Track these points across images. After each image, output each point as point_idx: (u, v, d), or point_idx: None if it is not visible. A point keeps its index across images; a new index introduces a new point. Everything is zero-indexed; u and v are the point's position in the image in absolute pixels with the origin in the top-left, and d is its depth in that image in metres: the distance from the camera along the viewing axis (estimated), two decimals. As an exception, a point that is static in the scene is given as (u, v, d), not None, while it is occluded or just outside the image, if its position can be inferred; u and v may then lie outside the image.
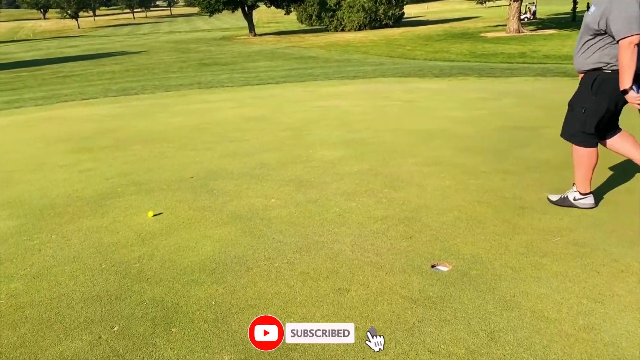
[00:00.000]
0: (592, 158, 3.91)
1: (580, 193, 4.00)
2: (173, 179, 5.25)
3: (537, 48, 29.65)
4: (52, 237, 3.92)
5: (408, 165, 5.37)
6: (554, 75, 13.77)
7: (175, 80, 18.19)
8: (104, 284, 3.16)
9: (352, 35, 45.83)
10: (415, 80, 13.98)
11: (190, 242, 3.71)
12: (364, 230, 3.77)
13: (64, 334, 2.66)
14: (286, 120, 8.25)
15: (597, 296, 2.79)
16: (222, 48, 39.70)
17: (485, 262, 3.22)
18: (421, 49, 32.72)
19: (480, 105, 8.89)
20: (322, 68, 19.99)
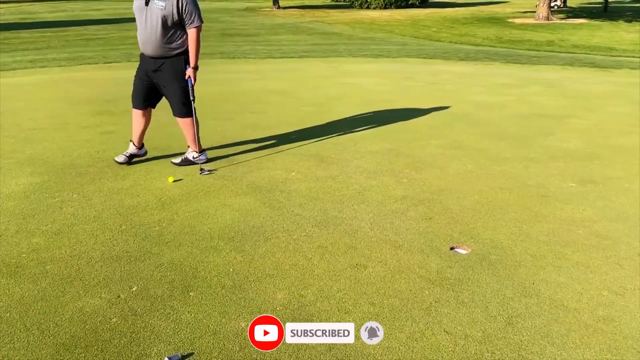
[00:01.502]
0: (195, 123, 4.60)
1: (197, 152, 4.63)
2: (194, 146, 5.24)
3: (566, 37, 29.02)
4: (73, 196, 3.95)
5: (430, 147, 5.31)
6: (583, 66, 13.48)
7: (198, 49, 18.12)
8: (124, 244, 3.19)
9: (377, 14, 45.16)
10: (440, 62, 13.78)
11: (209, 209, 3.72)
12: (383, 209, 3.75)
13: (83, 290, 2.70)
14: (308, 95, 8.19)
15: (619, 289, 2.75)
16: (246, 19, 39.39)
17: (505, 248, 3.19)
18: (447, 31, 32.19)
19: (506, 92, 8.75)
20: (346, 45, 19.77)
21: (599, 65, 13.69)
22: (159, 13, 4.09)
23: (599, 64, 14.15)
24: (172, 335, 2.35)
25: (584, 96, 8.48)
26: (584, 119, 6.74)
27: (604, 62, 15.41)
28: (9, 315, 2.49)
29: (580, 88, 9.47)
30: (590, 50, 22.09)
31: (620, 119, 6.77)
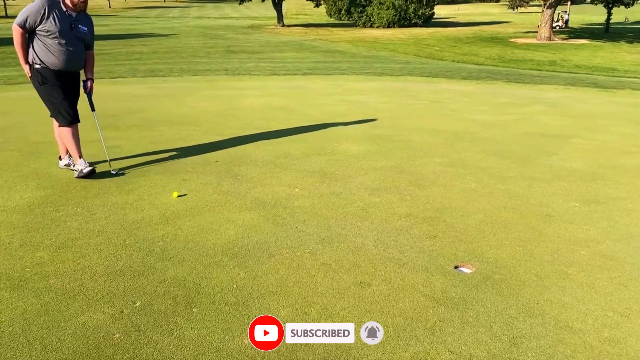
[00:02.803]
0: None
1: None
2: (198, 161, 5.27)
3: (568, 57, 29.20)
4: (77, 210, 3.96)
5: (433, 164, 5.32)
6: (585, 86, 13.54)
7: (203, 65, 18.27)
8: (128, 259, 3.19)
9: (381, 32, 45.59)
10: (442, 81, 13.87)
11: (213, 224, 3.73)
12: (387, 226, 3.75)
13: (86, 305, 2.69)
14: (312, 112, 8.24)
15: (624, 310, 2.74)
16: (250, 36, 39.76)
17: (509, 267, 3.18)
18: (450, 50, 32.45)
19: (508, 111, 8.79)
20: (349, 63, 19.92)
21: (601, 86, 13.76)
22: (82, 36, 4.65)
23: (601, 84, 14.22)
24: (175, 352, 2.34)
25: (587, 116, 8.52)
26: (587, 138, 6.76)
27: (606, 82, 15.48)
28: (11, 329, 2.48)
29: (583, 108, 9.52)
30: (592, 70, 22.21)
31: (622, 139, 6.79)
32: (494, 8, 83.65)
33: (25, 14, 4.37)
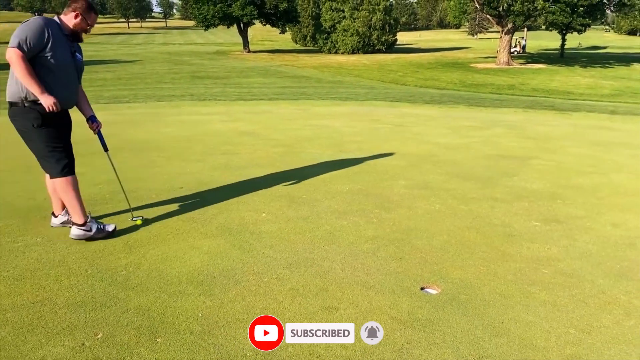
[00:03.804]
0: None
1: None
2: (162, 188, 5.21)
3: (526, 81, 30.18)
4: (37, 240, 3.85)
5: (398, 187, 5.39)
6: (543, 109, 14.00)
7: (168, 90, 18.17)
8: (89, 290, 3.10)
9: (345, 58, 46.32)
10: (406, 105, 14.13)
11: (178, 252, 3.67)
12: (354, 249, 3.76)
13: (45, 339, 2.60)
14: (278, 136, 8.27)
15: (585, 327, 2.80)
16: (216, 62, 39.81)
17: (474, 287, 3.22)
18: (412, 75, 33.15)
19: (470, 133, 9.00)
20: (315, 88, 20.13)
21: (558, 108, 14.25)
22: (80, 66, 3.88)
23: (558, 107, 14.73)
24: (139, 384, 2.27)
25: (545, 138, 8.79)
26: (546, 160, 6.97)
27: (563, 105, 16.04)
28: (-35, 366, 2.38)
29: (541, 130, 9.82)
30: (549, 93, 22.99)
31: (579, 159, 7.03)
32: (455, 34, 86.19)
33: (24, 34, 3.42)
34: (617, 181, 5.90)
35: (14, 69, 3.48)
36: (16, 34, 3.45)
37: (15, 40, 3.42)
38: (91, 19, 3.76)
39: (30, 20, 3.55)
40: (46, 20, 3.57)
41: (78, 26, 3.70)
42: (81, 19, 3.69)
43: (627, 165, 6.77)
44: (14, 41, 3.42)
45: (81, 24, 3.71)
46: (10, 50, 3.42)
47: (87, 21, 3.73)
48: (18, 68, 3.45)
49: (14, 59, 3.42)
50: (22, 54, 3.42)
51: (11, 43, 3.43)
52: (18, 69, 3.45)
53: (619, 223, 4.48)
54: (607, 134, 9.52)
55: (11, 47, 3.41)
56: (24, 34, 3.44)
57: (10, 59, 3.43)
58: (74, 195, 3.82)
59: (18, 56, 3.41)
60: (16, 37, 3.43)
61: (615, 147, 8.10)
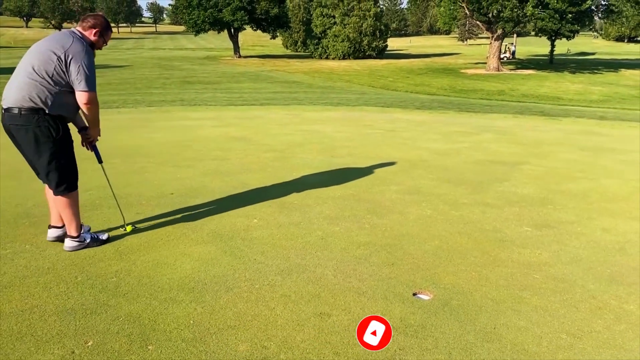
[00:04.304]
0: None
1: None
2: (153, 194, 5.18)
3: (516, 87, 30.41)
4: (26, 247, 3.81)
5: (390, 192, 5.40)
6: (532, 114, 14.10)
7: (158, 96, 18.11)
8: (79, 297, 3.07)
9: (336, 64, 46.45)
10: (397, 110, 14.18)
11: (169, 259, 3.64)
12: (346, 255, 3.76)
13: (35, 347, 2.57)
14: (269, 142, 8.26)
15: (576, 331, 2.81)
16: (206, 67, 39.77)
17: (466, 293, 3.23)
18: (403, 81, 33.31)
19: (460, 139, 9.04)
20: (306, 93, 20.15)
21: (548, 114, 14.37)
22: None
23: (548, 113, 14.84)
24: (130, 393, 2.25)
25: (535, 143, 8.85)
26: (536, 165, 7.01)
27: (552, 110, 16.17)
28: (-48, 376, 2.34)
29: (531, 135, 9.89)
30: (539, 99, 23.17)
31: (569, 165, 7.08)
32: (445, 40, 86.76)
33: (92, 72, 3.52)
34: (607, 186, 5.95)
35: (90, 109, 3.59)
36: (87, 72, 3.47)
37: (90, 83, 3.49)
38: (108, 36, 3.80)
39: (87, 50, 3.53)
40: (88, 44, 3.60)
41: (96, 43, 3.72)
42: (99, 37, 3.71)
43: (616, 170, 6.82)
44: (91, 84, 3.49)
45: (99, 41, 3.72)
46: (90, 95, 3.50)
47: (104, 38, 3.76)
48: (95, 110, 3.63)
49: (91, 101, 3.54)
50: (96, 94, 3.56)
51: (89, 86, 3.49)
52: (94, 110, 3.62)
53: (609, 228, 4.51)
54: (596, 140, 9.60)
55: (90, 92, 3.49)
56: (92, 71, 3.52)
57: (90, 102, 3.53)
58: (76, 209, 3.78)
59: (95, 98, 3.57)
60: (90, 78, 3.49)
61: (604, 152, 8.17)
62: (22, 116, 3.46)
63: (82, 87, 3.47)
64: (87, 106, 3.55)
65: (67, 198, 3.70)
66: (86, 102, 3.52)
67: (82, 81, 3.46)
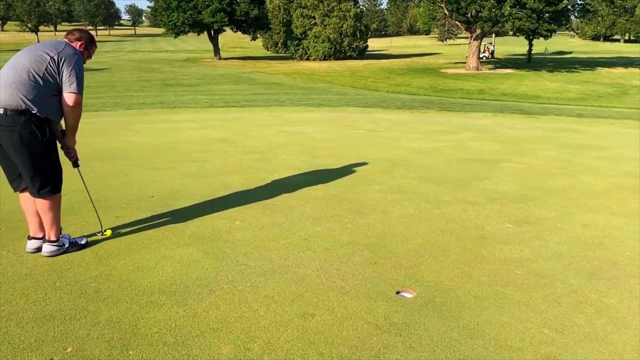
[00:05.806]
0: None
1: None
2: (133, 197, 5.11)
3: (495, 86, 30.74)
4: (2, 253, 3.72)
5: (372, 192, 5.40)
6: (512, 112, 14.26)
7: (138, 99, 17.93)
8: (58, 302, 3.01)
9: (317, 65, 46.49)
10: (378, 111, 14.23)
11: (149, 262, 3.59)
12: (329, 255, 3.74)
13: (12, 354, 2.50)
14: (251, 143, 8.22)
15: (558, 326, 2.84)
16: (186, 69, 39.50)
17: (449, 290, 3.24)
18: (384, 81, 33.45)
19: (442, 138, 9.10)
20: (287, 94, 20.12)
21: (527, 112, 14.54)
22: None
23: (527, 111, 15.02)
24: (110, 399, 2.20)
25: (515, 141, 8.94)
26: (516, 162, 7.09)
27: (531, 109, 16.38)
28: None
29: (511, 133, 10.00)
30: (518, 98, 23.45)
31: (549, 162, 7.16)
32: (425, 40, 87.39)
33: (82, 77, 3.55)
34: (586, 182, 6.03)
35: (75, 112, 3.55)
36: (78, 77, 3.50)
37: (80, 85, 3.51)
38: (92, 50, 3.86)
39: (78, 56, 3.58)
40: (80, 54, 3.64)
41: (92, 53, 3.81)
42: (84, 49, 3.75)
43: (595, 167, 6.92)
44: (79, 87, 3.50)
45: (84, 54, 3.75)
46: (78, 98, 3.50)
47: (89, 51, 3.82)
48: (78, 114, 3.58)
49: (78, 104, 3.53)
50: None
51: (79, 89, 3.50)
52: (78, 114, 3.58)
53: (589, 223, 4.57)
54: (574, 137, 9.74)
55: (79, 94, 3.50)
56: (82, 76, 3.55)
57: (77, 104, 3.51)
58: (58, 213, 3.71)
59: (81, 102, 3.55)
60: (80, 81, 3.52)
61: (582, 149, 8.29)
62: (7, 117, 3.37)
63: (73, 88, 3.47)
64: (73, 109, 3.52)
65: (50, 201, 3.62)
66: (73, 104, 3.49)
67: (74, 83, 3.48)
